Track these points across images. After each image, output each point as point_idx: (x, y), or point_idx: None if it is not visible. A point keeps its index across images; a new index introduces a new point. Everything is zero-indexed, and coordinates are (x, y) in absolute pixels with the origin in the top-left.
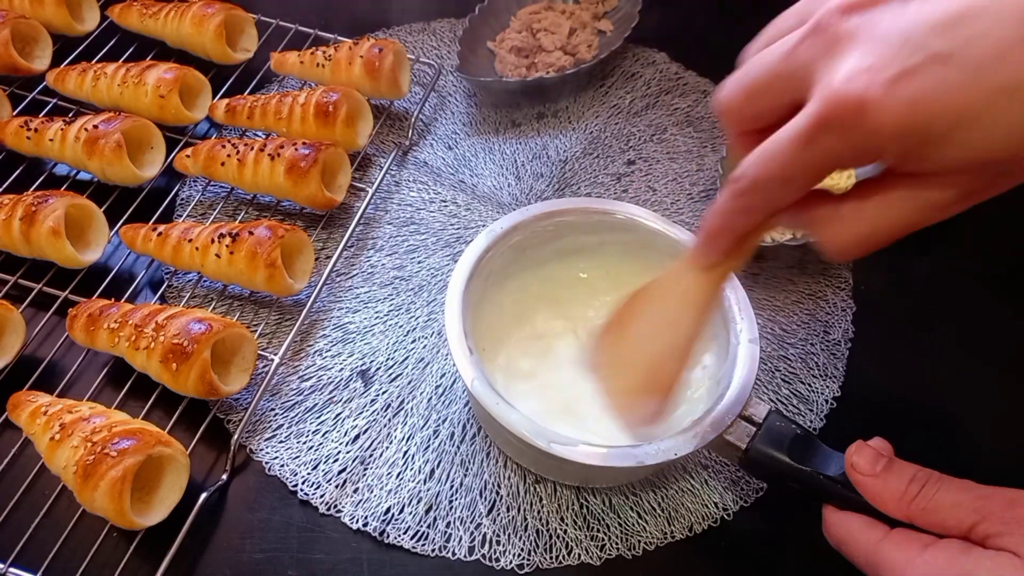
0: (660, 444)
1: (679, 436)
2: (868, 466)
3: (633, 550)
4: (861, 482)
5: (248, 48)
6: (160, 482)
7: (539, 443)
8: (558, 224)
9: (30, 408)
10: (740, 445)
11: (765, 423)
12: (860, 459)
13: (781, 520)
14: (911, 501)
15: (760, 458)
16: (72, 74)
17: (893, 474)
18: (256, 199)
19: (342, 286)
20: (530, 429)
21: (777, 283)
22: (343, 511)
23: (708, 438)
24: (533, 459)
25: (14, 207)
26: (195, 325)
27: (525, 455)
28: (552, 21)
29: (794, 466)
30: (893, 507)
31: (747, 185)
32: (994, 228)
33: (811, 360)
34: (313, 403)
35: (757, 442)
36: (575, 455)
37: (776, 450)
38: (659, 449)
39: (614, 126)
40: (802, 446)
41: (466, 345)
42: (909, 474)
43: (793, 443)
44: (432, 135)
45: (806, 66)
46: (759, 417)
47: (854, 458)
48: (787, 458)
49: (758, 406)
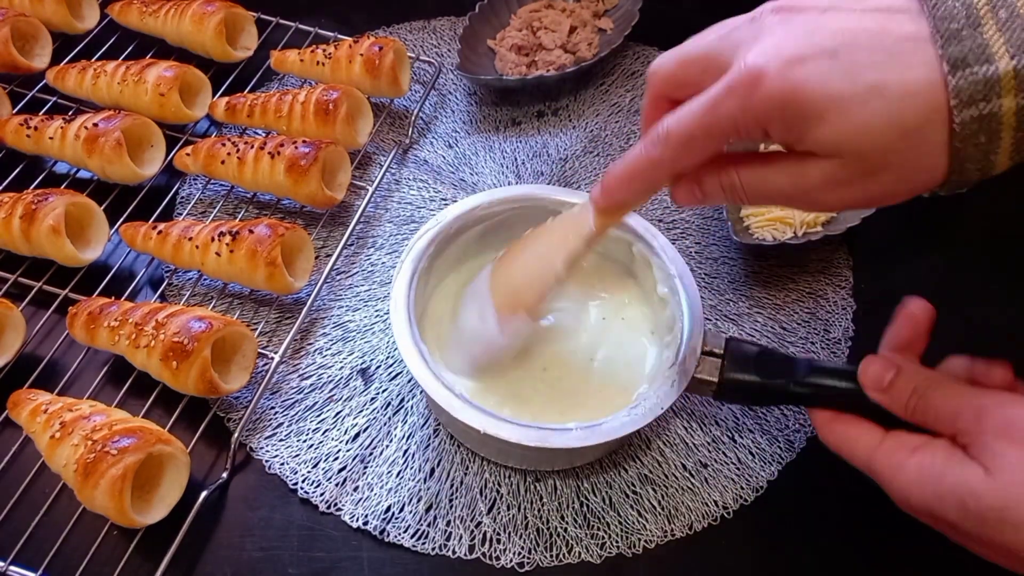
0: (646, 403)
1: (659, 390)
2: (874, 383)
3: (633, 548)
4: (871, 395)
5: (248, 46)
6: (160, 480)
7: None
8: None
9: (30, 406)
10: (712, 379)
11: (727, 352)
12: (868, 377)
13: (781, 518)
14: (911, 413)
15: (733, 385)
16: (72, 72)
17: (898, 388)
18: (256, 197)
19: (342, 284)
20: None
21: (777, 282)
22: (343, 509)
23: (683, 383)
24: (521, 455)
25: (14, 205)
26: (195, 323)
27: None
28: (552, 19)
29: (764, 383)
30: (902, 416)
31: (660, 137)
32: (996, 227)
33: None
34: (313, 401)
35: (726, 372)
36: (569, 440)
37: (744, 373)
38: (647, 408)
39: (614, 124)
40: (766, 361)
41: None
42: (911, 385)
43: (758, 361)
44: (432, 133)
45: (735, 46)
46: (719, 348)
47: (863, 376)
48: (757, 377)
49: (715, 338)
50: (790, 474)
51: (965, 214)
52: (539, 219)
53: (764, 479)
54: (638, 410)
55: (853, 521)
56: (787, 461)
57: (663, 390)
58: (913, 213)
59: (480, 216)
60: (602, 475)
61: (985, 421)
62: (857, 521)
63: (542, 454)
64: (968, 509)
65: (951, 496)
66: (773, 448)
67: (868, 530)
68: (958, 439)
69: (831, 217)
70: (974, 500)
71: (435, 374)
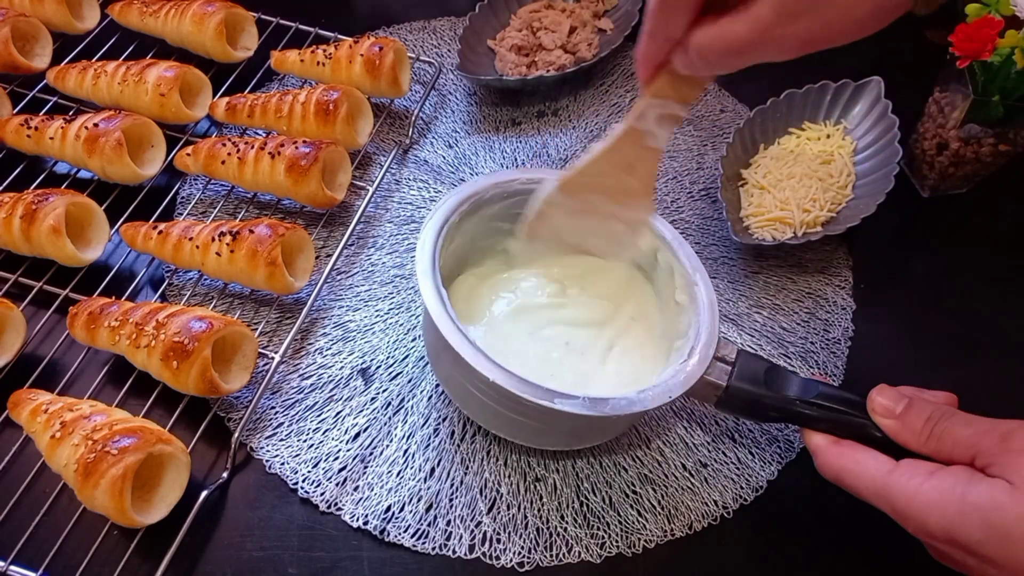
0: (654, 390)
1: (669, 381)
2: (886, 410)
3: (633, 548)
4: (881, 423)
5: (248, 46)
6: (161, 480)
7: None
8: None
9: (31, 406)
10: (720, 383)
11: (738, 361)
12: (880, 402)
13: (781, 518)
14: (925, 441)
15: (739, 393)
16: (72, 72)
17: (911, 416)
18: (256, 197)
19: (343, 284)
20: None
21: (777, 282)
22: (343, 509)
23: (693, 380)
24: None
25: (14, 205)
26: (196, 323)
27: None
28: (552, 20)
29: (772, 396)
30: (913, 444)
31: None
32: (995, 226)
33: (811, 358)
34: (313, 401)
35: (735, 379)
36: (574, 406)
37: (752, 384)
38: (655, 394)
39: (614, 124)
40: (774, 377)
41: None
42: (925, 414)
43: (767, 375)
44: (432, 133)
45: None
46: (731, 357)
47: (875, 402)
48: (764, 390)
49: (728, 346)
50: (790, 474)
51: (965, 214)
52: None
53: (764, 479)
54: (647, 394)
55: (853, 521)
56: (787, 461)
57: (673, 381)
58: (913, 213)
59: (515, 190)
60: (602, 475)
61: (1012, 441)
62: (857, 521)
63: (543, 424)
64: (993, 524)
65: (975, 513)
66: (773, 448)
67: (868, 530)
68: (977, 462)
69: (831, 217)
70: (999, 514)
71: (454, 320)
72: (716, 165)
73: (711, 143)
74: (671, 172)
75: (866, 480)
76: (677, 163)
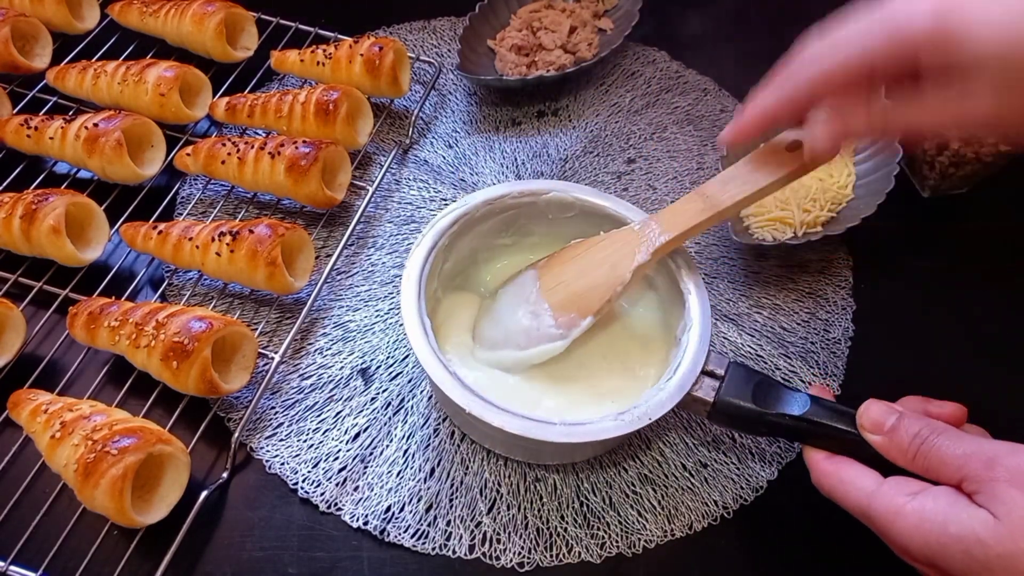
0: (635, 411)
1: (651, 401)
2: (875, 425)
3: (633, 548)
4: (870, 439)
5: (248, 46)
6: (160, 480)
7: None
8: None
9: (30, 406)
10: (707, 399)
11: (727, 375)
12: (868, 417)
13: (780, 518)
14: (912, 459)
15: (727, 408)
16: (72, 72)
17: (900, 432)
18: (256, 197)
19: (343, 284)
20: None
21: (777, 282)
22: (343, 509)
23: (676, 398)
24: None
25: (14, 205)
26: (196, 323)
27: (503, 443)
28: (552, 19)
29: (760, 411)
30: (900, 462)
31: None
32: (995, 226)
33: (811, 359)
34: (313, 401)
35: (723, 394)
36: (550, 434)
37: (741, 399)
38: (634, 416)
39: (614, 124)
40: (765, 392)
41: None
42: (914, 431)
43: (757, 390)
44: (432, 133)
45: None
46: (721, 370)
47: (862, 418)
48: (753, 405)
49: (719, 360)
50: (790, 474)
51: (965, 214)
52: (560, 213)
53: (764, 479)
54: (626, 416)
55: (853, 521)
56: (787, 461)
57: (655, 401)
58: (913, 214)
59: (507, 204)
60: (602, 475)
61: (997, 468)
62: (857, 521)
63: (529, 444)
64: (974, 558)
65: (956, 545)
66: (773, 448)
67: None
68: (964, 486)
69: (831, 217)
70: (981, 549)
71: (436, 354)
72: (716, 165)
73: (711, 143)
74: (671, 172)
75: (852, 499)
76: (677, 163)
